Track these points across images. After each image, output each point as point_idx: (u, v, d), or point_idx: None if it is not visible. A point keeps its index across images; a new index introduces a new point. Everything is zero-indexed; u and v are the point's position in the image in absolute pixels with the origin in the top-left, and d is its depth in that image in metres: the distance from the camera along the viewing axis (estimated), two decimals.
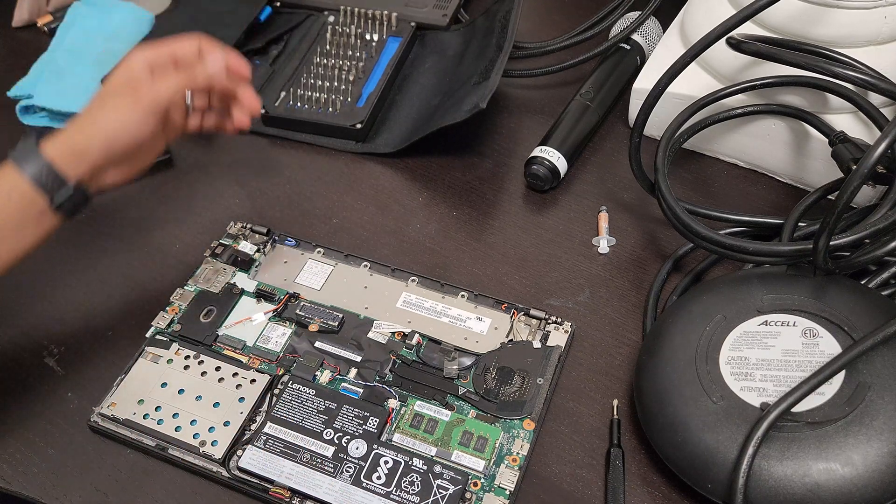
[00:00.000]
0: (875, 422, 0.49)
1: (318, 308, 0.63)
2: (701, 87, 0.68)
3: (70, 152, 0.54)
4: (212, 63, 0.57)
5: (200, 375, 0.59)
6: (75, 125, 0.55)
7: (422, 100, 0.78)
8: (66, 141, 0.54)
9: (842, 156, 0.61)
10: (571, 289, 0.65)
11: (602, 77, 0.76)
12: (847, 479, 0.48)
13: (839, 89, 0.63)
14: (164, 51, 0.57)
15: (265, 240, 0.68)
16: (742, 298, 0.57)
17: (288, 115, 0.77)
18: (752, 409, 0.51)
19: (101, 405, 0.58)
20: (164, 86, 0.55)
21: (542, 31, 0.85)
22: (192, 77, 0.57)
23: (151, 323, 0.62)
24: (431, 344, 0.61)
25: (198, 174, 0.75)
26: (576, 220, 0.70)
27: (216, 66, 0.57)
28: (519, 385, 0.58)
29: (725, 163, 0.73)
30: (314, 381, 0.59)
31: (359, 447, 0.55)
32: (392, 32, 0.83)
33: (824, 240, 0.52)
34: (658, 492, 0.55)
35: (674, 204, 0.61)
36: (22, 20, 0.89)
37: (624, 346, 0.62)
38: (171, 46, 0.57)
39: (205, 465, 0.55)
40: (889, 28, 0.63)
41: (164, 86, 0.55)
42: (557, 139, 0.72)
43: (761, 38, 0.65)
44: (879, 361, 0.51)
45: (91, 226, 0.71)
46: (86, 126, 0.55)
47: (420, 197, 0.72)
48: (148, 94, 0.55)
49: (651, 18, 0.79)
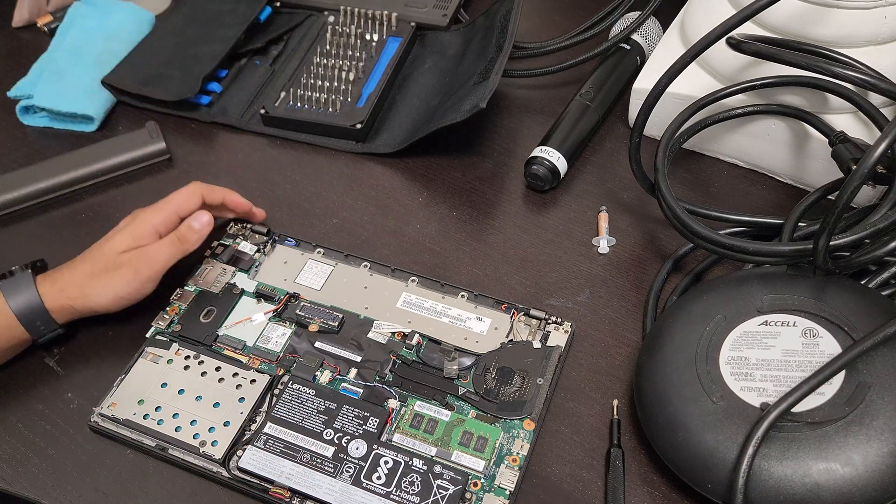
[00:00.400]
0: (875, 422, 0.49)
1: (318, 308, 0.63)
2: (701, 87, 0.68)
3: (67, 308, 0.59)
4: (199, 228, 0.63)
5: (200, 375, 0.59)
6: (74, 286, 0.59)
7: (422, 100, 0.78)
8: (63, 297, 0.59)
9: (842, 156, 0.61)
10: (571, 289, 0.65)
11: (602, 77, 0.76)
12: (847, 479, 0.48)
13: (839, 89, 0.63)
14: (169, 209, 0.62)
15: (265, 240, 0.68)
16: (742, 298, 0.57)
17: (288, 115, 0.77)
18: (752, 409, 0.51)
19: (101, 405, 0.58)
20: (160, 258, 0.60)
21: (542, 31, 0.85)
22: (185, 249, 0.62)
23: (151, 323, 0.62)
24: (431, 344, 0.61)
25: (198, 174, 0.75)
26: (576, 220, 0.70)
27: (205, 230, 0.63)
28: (519, 385, 0.58)
29: (725, 163, 0.73)
30: (314, 382, 0.59)
31: (359, 447, 0.55)
32: (392, 32, 0.83)
33: (824, 240, 0.52)
34: (658, 492, 0.55)
35: (674, 204, 0.61)
36: (22, 20, 0.89)
37: (624, 346, 0.62)
38: (174, 203, 0.63)
39: (205, 466, 0.55)
40: (889, 28, 0.63)
41: (160, 258, 0.60)
42: (557, 139, 0.72)
43: (761, 38, 0.65)
44: (879, 361, 0.51)
45: (91, 226, 0.71)
46: (86, 293, 0.59)
47: (420, 197, 0.72)
48: (146, 270, 0.60)
49: (651, 18, 0.79)
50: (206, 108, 0.80)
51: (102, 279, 0.59)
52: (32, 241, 0.70)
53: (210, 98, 0.80)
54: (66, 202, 0.73)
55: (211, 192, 0.65)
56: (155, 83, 0.79)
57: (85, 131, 0.78)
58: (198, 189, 0.64)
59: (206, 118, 0.79)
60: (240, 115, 0.79)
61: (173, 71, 0.79)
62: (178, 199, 0.63)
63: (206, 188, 0.65)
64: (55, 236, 0.71)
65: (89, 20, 0.84)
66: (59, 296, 0.59)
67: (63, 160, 0.74)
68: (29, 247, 0.70)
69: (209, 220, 0.63)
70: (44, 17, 0.88)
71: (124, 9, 0.85)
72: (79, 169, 0.73)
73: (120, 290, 0.59)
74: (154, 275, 0.60)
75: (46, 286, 0.59)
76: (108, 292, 0.59)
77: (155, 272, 0.60)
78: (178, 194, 0.64)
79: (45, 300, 0.58)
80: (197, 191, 0.64)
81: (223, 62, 0.81)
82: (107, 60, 0.81)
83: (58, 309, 0.59)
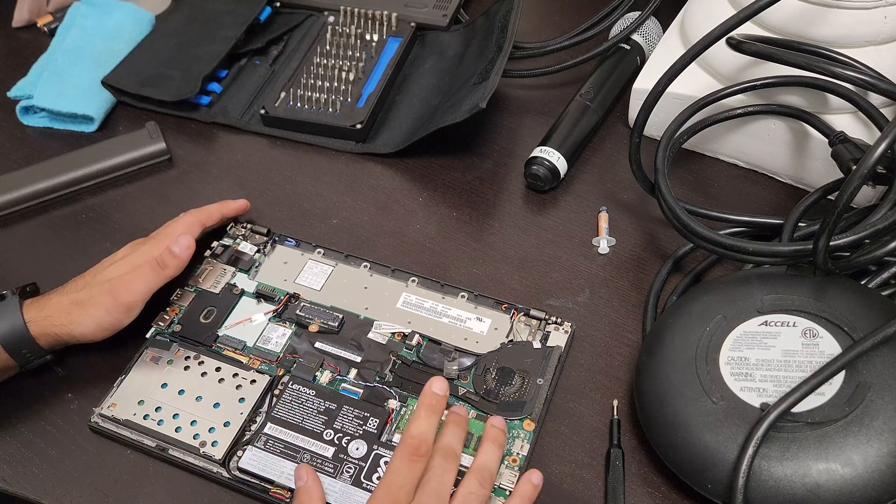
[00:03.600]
0: (875, 422, 0.49)
1: (319, 308, 0.63)
2: (701, 87, 0.68)
3: (52, 336, 0.58)
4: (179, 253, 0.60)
5: (201, 376, 0.59)
6: (62, 312, 0.58)
7: (422, 100, 0.78)
8: (49, 323, 0.58)
9: (842, 156, 0.61)
10: (571, 289, 0.65)
11: (602, 77, 0.76)
12: (847, 479, 0.48)
13: (839, 89, 0.63)
14: (168, 241, 0.61)
15: (265, 240, 0.68)
16: (742, 299, 0.57)
17: (288, 115, 0.77)
18: (752, 409, 0.51)
19: (101, 406, 0.58)
20: (141, 285, 0.59)
21: (542, 31, 0.85)
22: (167, 275, 0.60)
23: (151, 323, 0.62)
24: (431, 344, 0.61)
25: (198, 174, 0.75)
26: (576, 220, 0.70)
27: (185, 254, 0.61)
28: (519, 385, 0.58)
29: (725, 163, 0.73)
30: (314, 382, 0.59)
31: (359, 448, 0.55)
32: (392, 32, 0.83)
33: (824, 240, 0.52)
34: (658, 492, 0.55)
35: (674, 204, 0.61)
36: (22, 20, 0.89)
37: (624, 346, 0.62)
38: (173, 235, 0.61)
39: (205, 466, 0.55)
40: (889, 28, 0.63)
41: (140, 285, 0.59)
42: (557, 139, 0.72)
43: (761, 39, 0.65)
44: (879, 361, 0.51)
45: (91, 226, 0.71)
46: (71, 320, 0.58)
47: (420, 197, 0.72)
48: (126, 297, 0.58)
49: (651, 18, 0.79)
50: (206, 108, 0.80)
51: (86, 307, 0.58)
52: (32, 241, 0.70)
53: (210, 98, 0.80)
54: (66, 202, 0.73)
55: (208, 216, 0.65)
56: (155, 83, 0.79)
57: (85, 131, 0.78)
58: (195, 219, 0.64)
59: (206, 118, 0.79)
60: (240, 116, 0.79)
61: (173, 71, 0.79)
62: (178, 230, 0.62)
63: (202, 214, 0.64)
64: (55, 236, 0.71)
65: (89, 20, 0.84)
66: (44, 323, 0.57)
67: (63, 160, 0.74)
68: (29, 247, 0.70)
69: (189, 243, 0.61)
70: (44, 17, 0.88)
71: (124, 9, 0.85)
72: (79, 169, 0.73)
73: (102, 320, 0.58)
74: (135, 302, 0.58)
75: (33, 313, 0.58)
76: (90, 322, 0.57)
77: (135, 300, 0.58)
78: (175, 225, 0.63)
79: (30, 327, 0.57)
80: (194, 221, 0.64)
81: (223, 62, 0.81)
82: (107, 60, 0.81)
83: (43, 336, 0.58)
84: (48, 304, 0.58)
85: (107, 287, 0.58)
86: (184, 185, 0.74)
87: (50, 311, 0.58)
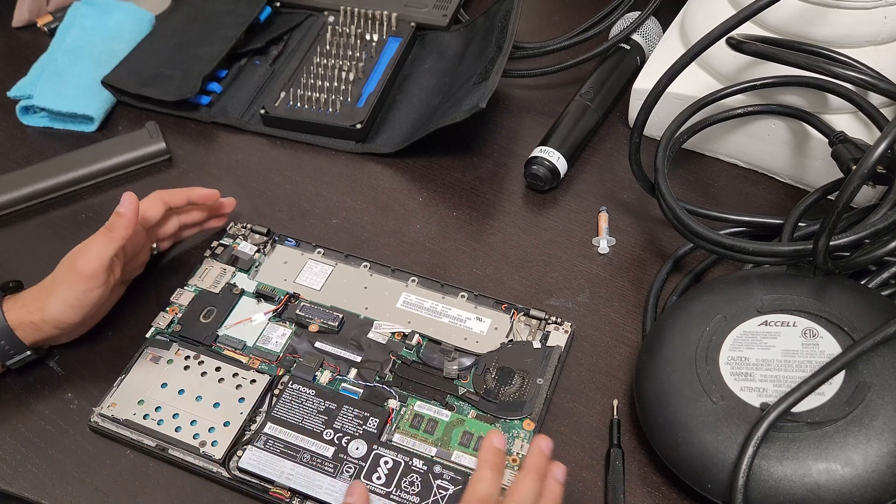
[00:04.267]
0: (875, 422, 0.49)
1: (318, 308, 0.63)
2: (701, 87, 0.68)
3: (29, 325, 0.57)
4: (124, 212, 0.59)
5: (200, 376, 0.59)
6: (35, 299, 0.58)
7: (422, 100, 0.78)
8: (25, 312, 0.58)
9: (842, 156, 0.61)
10: (571, 289, 0.65)
11: (602, 77, 0.76)
12: (847, 479, 0.48)
13: (839, 89, 0.63)
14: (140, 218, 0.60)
15: (265, 240, 0.68)
16: (742, 298, 0.57)
17: (288, 115, 0.77)
18: (752, 409, 0.51)
19: (101, 405, 0.58)
20: (94, 251, 0.58)
21: (542, 31, 0.85)
22: (116, 237, 0.58)
23: (151, 323, 0.62)
24: (431, 344, 0.61)
25: (198, 174, 0.75)
26: (576, 220, 0.70)
27: (129, 214, 0.59)
28: (519, 385, 0.58)
29: (725, 163, 0.73)
30: (314, 382, 0.59)
31: (359, 447, 0.55)
32: (392, 32, 0.83)
33: (824, 240, 0.52)
34: (658, 492, 0.55)
35: (674, 204, 0.61)
36: (22, 20, 0.89)
37: (624, 346, 0.62)
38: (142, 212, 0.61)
39: (205, 466, 0.55)
40: (889, 28, 0.63)
41: (94, 251, 0.58)
42: (557, 139, 0.72)
43: (761, 38, 0.65)
44: (879, 361, 0.51)
45: (91, 226, 0.70)
46: (42, 305, 0.57)
47: (420, 197, 0.72)
48: (84, 266, 0.57)
49: (651, 18, 0.79)
50: (206, 108, 0.80)
51: (51, 288, 0.58)
52: (32, 241, 0.70)
53: (210, 98, 0.80)
54: (66, 202, 0.73)
55: (172, 196, 0.64)
56: (155, 83, 0.79)
57: (85, 131, 0.78)
58: (157, 196, 0.63)
59: (206, 118, 0.79)
60: (240, 116, 0.79)
61: (173, 71, 0.79)
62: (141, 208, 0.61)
63: (166, 193, 0.64)
64: (55, 236, 0.71)
65: (89, 20, 0.84)
66: (20, 312, 0.57)
67: (63, 160, 0.74)
68: (29, 247, 0.70)
69: (132, 200, 0.59)
70: (44, 17, 0.88)
71: (124, 9, 0.85)
72: (79, 169, 0.73)
73: (67, 296, 0.57)
74: (94, 270, 0.57)
75: (9, 304, 0.58)
76: (58, 301, 0.57)
77: (93, 267, 0.57)
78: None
79: (7, 317, 0.57)
80: (156, 198, 0.63)
81: (223, 62, 0.81)
82: (107, 60, 0.81)
83: (20, 326, 0.57)
84: (24, 295, 0.59)
85: (66, 264, 0.59)
86: (184, 185, 0.73)
87: (25, 301, 0.58)
